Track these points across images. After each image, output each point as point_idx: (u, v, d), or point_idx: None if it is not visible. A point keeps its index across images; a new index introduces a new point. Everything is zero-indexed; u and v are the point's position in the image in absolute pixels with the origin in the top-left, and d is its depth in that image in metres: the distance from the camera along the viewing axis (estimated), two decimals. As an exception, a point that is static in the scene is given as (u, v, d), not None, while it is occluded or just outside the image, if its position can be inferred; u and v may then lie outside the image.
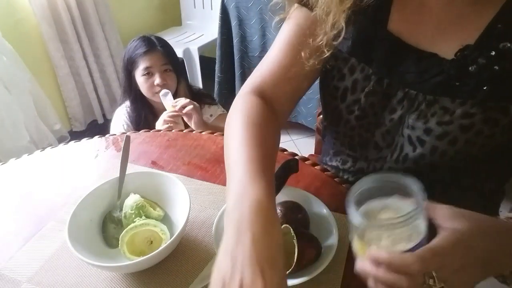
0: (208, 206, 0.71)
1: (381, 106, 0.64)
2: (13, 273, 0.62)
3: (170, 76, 1.43)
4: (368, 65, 0.63)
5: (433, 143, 0.59)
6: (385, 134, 0.66)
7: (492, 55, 0.53)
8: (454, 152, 0.58)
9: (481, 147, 0.57)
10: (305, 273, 0.54)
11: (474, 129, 0.56)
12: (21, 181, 0.83)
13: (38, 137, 2.03)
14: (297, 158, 0.74)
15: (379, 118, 0.65)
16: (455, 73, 0.56)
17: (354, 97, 0.65)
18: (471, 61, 0.55)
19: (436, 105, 0.58)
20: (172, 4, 2.76)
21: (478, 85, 0.54)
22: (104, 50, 2.31)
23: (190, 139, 0.88)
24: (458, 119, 0.56)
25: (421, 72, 0.59)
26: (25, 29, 2.02)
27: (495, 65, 0.53)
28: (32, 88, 1.98)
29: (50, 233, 0.69)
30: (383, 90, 0.62)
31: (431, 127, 0.58)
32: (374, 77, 0.62)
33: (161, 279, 0.59)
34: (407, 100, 0.61)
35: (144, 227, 0.62)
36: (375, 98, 0.63)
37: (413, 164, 0.62)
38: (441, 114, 0.57)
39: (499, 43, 0.53)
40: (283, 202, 0.63)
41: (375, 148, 0.69)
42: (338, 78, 0.66)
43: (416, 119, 0.59)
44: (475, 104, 0.55)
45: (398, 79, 0.61)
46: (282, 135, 0.71)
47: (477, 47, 0.54)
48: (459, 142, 0.57)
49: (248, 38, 2.05)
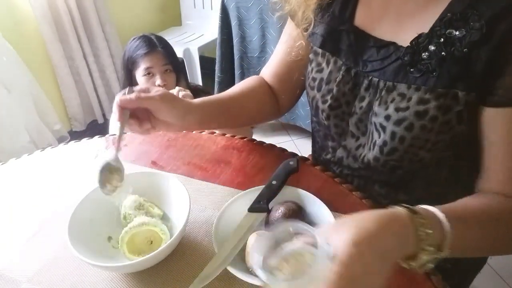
0: (208, 206, 0.71)
1: (353, 95, 0.68)
2: (13, 273, 0.62)
3: (170, 76, 1.43)
4: (338, 57, 0.69)
5: (392, 129, 0.61)
6: (358, 122, 0.69)
7: (441, 42, 0.57)
8: (411, 137, 0.60)
9: (438, 134, 0.59)
10: (305, 273, 0.54)
11: (428, 115, 0.58)
12: (21, 181, 0.83)
13: (38, 137, 2.03)
14: (297, 158, 0.74)
15: (351, 107, 0.69)
16: (409, 60, 0.59)
17: (328, 87, 0.70)
18: (423, 48, 0.58)
19: (394, 92, 0.61)
20: (172, 4, 2.76)
21: (429, 71, 0.58)
22: (104, 50, 2.31)
23: (190, 139, 0.89)
24: (414, 106, 0.59)
25: (381, 60, 0.63)
26: (25, 30, 2.02)
27: (442, 51, 0.56)
28: (32, 88, 1.98)
29: (50, 233, 0.69)
30: (351, 79, 0.67)
31: (390, 114, 0.61)
32: (343, 67, 0.68)
33: (161, 279, 0.59)
34: (372, 88, 0.65)
35: (144, 227, 0.62)
36: (345, 87, 0.68)
37: (379, 151, 0.64)
38: (398, 100, 0.60)
39: (446, 31, 0.56)
40: (283, 202, 0.63)
41: (352, 137, 0.72)
42: (316, 70, 0.73)
43: (378, 105, 0.63)
44: (428, 91, 0.58)
45: (363, 68, 0.66)
46: (282, 135, 0.73)
47: (429, 35, 0.58)
48: (415, 128, 0.59)
49: (248, 38, 2.05)
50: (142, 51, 1.38)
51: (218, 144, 0.86)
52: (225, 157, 0.82)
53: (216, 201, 0.71)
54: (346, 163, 0.74)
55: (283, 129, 2.28)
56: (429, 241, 0.44)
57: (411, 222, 0.44)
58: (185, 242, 0.64)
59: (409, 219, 0.44)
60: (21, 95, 1.91)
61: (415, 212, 0.45)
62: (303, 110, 2.00)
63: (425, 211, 0.47)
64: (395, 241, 0.43)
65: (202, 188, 0.75)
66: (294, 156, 0.81)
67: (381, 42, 0.64)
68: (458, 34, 0.55)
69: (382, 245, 0.42)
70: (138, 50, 1.39)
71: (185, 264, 0.61)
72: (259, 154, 0.82)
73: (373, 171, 0.70)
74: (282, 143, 2.10)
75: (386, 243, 0.42)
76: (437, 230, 0.45)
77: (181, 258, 0.62)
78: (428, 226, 0.44)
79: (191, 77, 2.43)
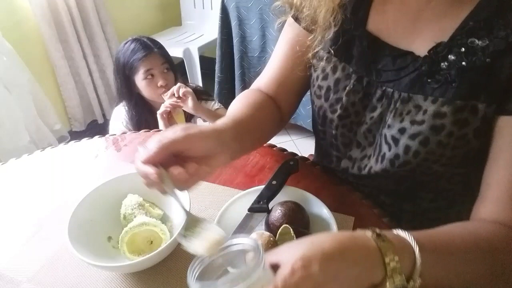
0: (208, 206, 0.71)
1: (363, 105, 0.65)
2: (13, 273, 0.62)
3: (169, 75, 1.44)
4: (348, 64, 0.65)
5: (406, 143, 0.59)
6: (366, 132, 0.66)
7: (462, 51, 0.54)
8: (426, 152, 0.58)
9: (453, 149, 0.57)
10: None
11: (445, 131, 0.55)
12: (21, 181, 0.83)
13: (38, 137, 2.03)
14: (297, 158, 0.74)
15: (360, 117, 0.66)
16: (426, 70, 0.56)
17: (337, 96, 0.66)
18: (442, 58, 0.55)
19: (410, 103, 0.58)
20: (172, 4, 2.76)
21: (448, 82, 0.55)
22: (104, 50, 2.31)
23: (190, 139, 0.88)
24: (429, 119, 0.56)
25: (397, 70, 0.60)
26: (25, 30, 2.02)
27: (463, 61, 0.54)
28: (32, 88, 1.98)
29: (50, 233, 0.69)
30: (363, 88, 0.63)
31: (405, 127, 0.59)
32: (354, 76, 0.64)
33: (161, 279, 0.59)
34: (385, 99, 0.62)
35: (144, 227, 0.62)
36: (356, 96, 0.64)
37: (390, 164, 0.62)
38: (415, 112, 0.58)
39: (468, 40, 0.54)
40: (283, 202, 0.63)
41: (358, 147, 0.69)
42: (322, 77, 0.68)
43: (393, 117, 0.60)
44: (445, 103, 0.55)
45: (376, 77, 0.62)
46: (282, 135, 0.72)
47: (449, 44, 0.55)
48: (431, 143, 0.57)
49: (248, 38, 2.05)
50: (140, 55, 1.37)
51: (218, 144, 0.86)
52: (225, 157, 0.82)
53: (216, 201, 0.71)
54: (351, 172, 0.71)
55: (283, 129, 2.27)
56: (397, 270, 0.40)
57: (377, 248, 0.40)
58: (185, 242, 0.64)
59: (375, 245, 0.40)
60: (21, 95, 1.91)
61: (383, 238, 0.41)
62: (304, 109, 2.00)
63: (395, 237, 0.43)
64: (356, 269, 0.39)
65: (202, 188, 0.75)
66: (294, 156, 0.81)
67: (398, 51, 0.60)
68: (481, 43, 0.52)
69: (339, 269, 0.38)
70: (135, 55, 1.38)
71: (185, 264, 0.61)
72: (259, 154, 0.82)
73: (379, 182, 0.68)
74: (282, 143, 2.10)
75: (345, 269, 0.38)
76: (407, 257, 0.41)
77: (181, 258, 0.62)
78: (397, 253, 0.40)
79: (191, 77, 2.43)
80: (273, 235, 0.57)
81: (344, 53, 0.65)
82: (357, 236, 0.42)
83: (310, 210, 0.64)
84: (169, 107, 1.35)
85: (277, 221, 0.59)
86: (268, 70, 0.78)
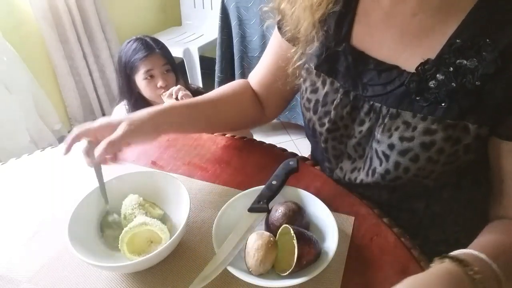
0: (208, 206, 0.71)
1: (351, 119, 0.64)
2: (13, 273, 0.62)
3: (170, 76, 1.44)
4: (335, 79, 0.65)
5: (396, 159, 0.58)
6: (356, 146, 0.66)
7: (450, 71, 0.53)
8: (417, 168, 0.57)
9: (444, 165, 0.56)
10: (305, 273, 0.54)
11: (435, 147, 0.55)
12: (21, 181, 0.83)
13: (38, 137, 2.04)
14: (297, 158, 0.74)
15: (350, 130, 0.65)
16: (415, 87, 0.55)
17: (325, 109, 0.66)
18: (430, 76, 0.54)
19: (399, 119, 0.58)
20: (172, 4, 2.76)
21: (437, 101, 0.54)
22: (104, 50, 2.32)
23: (190, 139, 0.88)
24: (419, 136, 0.55)
25: (383, 85, 0.59)
26: (25, 30, 2.02)
27: (452, 82, 0.53)
28: (32, 88, 1.98)
29: (50, 233, 0.69)
30: (350, 102, 0.63)
31: (394, 143, 0.58)
32: (341, 90, 0.64)
33: (161, 279, 0.59)
34: (373, 113, 0.61)
35: (144, 227, 0.62)
36: (344, 110, 0.64)
37: (381, 178, 0.62)
38: (403, 129, 0.57)
39: (456, 59, 0.52)
40: (283, 202, 0.63)
41: (348, 159, 0.69)
42: (311, 90, 0.68)
43: (382, 132, 0.59)
44: (435, 121, 0.54)
45: (362, 91, 0.61)
46: (282, 135, 0.73)
47: (437, 62, 0.54)
48: (420, 160, 0.56)
49: (248, 38, 2.05)
50: (141, 55, 1.38)
51: (218, 144, 0.86)
52: (225, 157, 0.82)
53: (216, 201, 0.71)
54: (343, 182, 0.71)
55: (283, 129, 2.28)
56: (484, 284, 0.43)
57: (470, 281, 0.43)
58: (185, 242, 0.64)
59: (468, 278, 0.43)
60: (21, 95, 1.91)
61: (467, 265, 0.44)
62: (304, 109, 2.00)
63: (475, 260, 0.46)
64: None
65: (202, 188, 0.75)
66: (294, 156, 0.81)
67: (383, 65, 0.60)
68: (470, 65, 0.51)
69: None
70: (136, 54, 1.39)
71: (185, 264, 0.61)
72: (259, 154, 0.82)
73: (372, 192, 0.68)
74: (282, 143, 2.10)
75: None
76: (492, 280, 0.45)
77: (181, 258, 0.62)
78: (484, 279, 0.43)
79: (191, 77, 2.43)
80: (273, 235, 0.57)
81: (331, 69, 0.65)
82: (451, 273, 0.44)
83: (310, 210, 0.64)
84: None
85: (277, 221, 0.59)
86: (258, 69, 0.82)
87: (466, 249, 0.48)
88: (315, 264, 0.55)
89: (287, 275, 0.54)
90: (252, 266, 0.55)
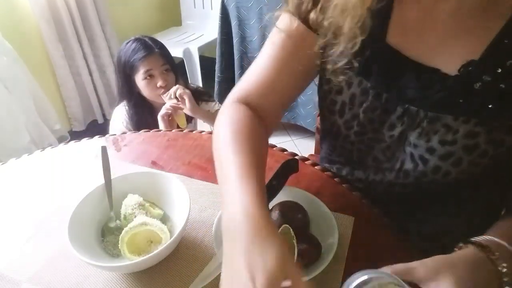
0: (208, 206, 0.71)
1: (381, 122, 0.61)
2: (13, 273, 0.62)
3: (170, 76, 1.44)
4: (365, 79, 0.60)
5: (436, 163, 0.57)
6: (385, 149, 0.64)
7: (499, 72, 0.50)
8: (458, 172, 0.56)
9: (484, 168, 0.55)
10: (305, 273, 0.54)
11: (478, 150, 0.54)
12: (21, 181, 0.83)
13: (38, 137, 2.03)
14: (297, 158, 0.74)
15: (378, 134, 0.63)
16: (459, 90, 0.53)
17: (353, 112, 0.62)
18: (475, 78, 0.52)
19: (438, 123, 0.55)
20: (172, 4, 2.76)
21: (483, 103, 0.52)
22: (104, 50, 2.31)
23: (190, 139, 0.88)
24: (461, 139, 0.54)
25: (422, 88, 0.56)
26: (25, 29, 2.02)
27: (501, 83, 0.50)
28: (32, 88, 1.98)
29: (50, 233, 0.69)
30: (381, 105, 0.60)
31: (434, 147, 0.56)
32: (372, 92, 0.59)
33: (161, 279, 0.59)
34: (407, 117, 0.58)
35: (144, 227, 0.62)
36: (374, 113, 0.60)
37: (414, 180, 0.61)
38: (443, 132, 0.55)
39: (505, 60, 0.50)
40: (283, 202, 0.63)
41: (374, 161, 0.67)
42: (336, 91, 0.63)
43: (418, 137, 0.57)
44: (479, 123, 0.52)
45: (397, 94, 0.58)
46: (282, 135, 0.71)
47: (482, 63, 0.52)
48: (463, 164, 0.55)
49: (248, 38, 2.05)
50: (140, 55, 1.38)
51: (218, 144, 0.86)
52: (225, 157, 0.82)
53: (216, 201, 0.71)
54: (364, 181, 0.70)
55: (283, 129, 2.28)
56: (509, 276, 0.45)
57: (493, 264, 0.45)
58: (185, 242, 0.64)
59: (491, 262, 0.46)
60: (21, 95, 1.91)
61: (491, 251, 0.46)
62: (304, 109, 2.00)
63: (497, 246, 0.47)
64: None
65: (202, 188, 0.75)
66: (294, 156, 0.81)
67: (422, 67, 0.55)
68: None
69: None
70: (135, 54, 1.39)
71: (185, 264, 0.61)
72: (259, 154, 0.82)
73: (393, 192, 0.67)
74: (282, 143, 2.10)
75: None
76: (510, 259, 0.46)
77: (181, 258, 0.62)
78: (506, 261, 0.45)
79: (191, 77, 2.43)
80: None
81: (362, 68, 0.59)
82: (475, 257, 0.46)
83: (310, 210, 0.64)
84: (170, 109, 1.37)
85: (276, 221, 0.59)
86: (250, 80, 0.68)
87: (487, 236, 0.49)
88: (315, 264, 0.55)
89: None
90: (252, 266, 0.55)
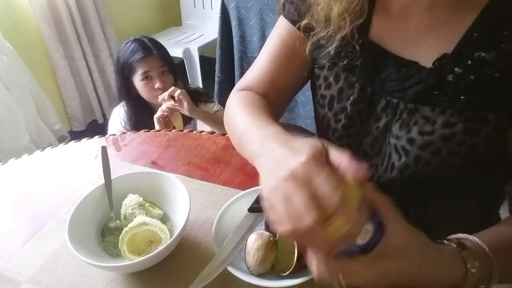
0: (208, 206, 0.71)
1: (367, 114, 0.64)
2: (13, 273, 0.62)
3: (168, 77, 1.44)
4: (351, 73, 0.63)
5: (416, 153, 0.58)
6: (373, 142, 0.66)
7: (468, 64, 0.53)
8: (437, 162, 0.58)
9: (464, 157, 0.57)
10: (305, 273, 0.54)
11: (456, 139, 0.55)
12: (21, 181, 0.83)
13: (38, 137, 2.04)
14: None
15: (366, 127, 0.65)
16: (433, 82, 0.56)
17: (341, 105, 0.65)
18: (448, 70, 0.54)
19: (417, 114, 0.57)
20: (172, 4, 2.76)
21: (456, 95, 0.54)
22: (104, 50, 2.32)
23: (190, 139, 0.89)
24: (439, 129, 0.56)
25: (401, 80, 0.59)
26: (25, 29, 2.02)
27: (471, 75, 0.53)
28: (32, 88, 1.98)
29: (50, 233, 0.69)
30: (367, 97, 0.62)
31: (414, 137, 0.58)
32: (357, 85, 0.63)
33: (161, 279, 0.59)
34: (390, 109, 0.61)
35: (144, 227, 0.62)
36: (360, 106, 0.63)
37: (399, 173, 0.62)
38: (422, 123, 0.57)
39: (474, 52, 0.53)
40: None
41: (364, 156, 0.68)
42: (325, 86, 0.67)
43: (399, 128, 0.59)
44: (455, 114, 0.55)
45: (380, 87, 0.61)
46: None
47: (454, 56, 0.54)
48: (442, 153, 0.57)
49: (248, 38, 2.05)
50: (138, 56, 1.38)
51: (218, 144, 0.86)
52: (225, 157, 0.82)
53: (216, 201, 0.71)
54: None
55: (283, 129, 2.27)
56: (476, 275, 0.45)
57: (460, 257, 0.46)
58: (185, 242, 0.64)
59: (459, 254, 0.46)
60: (21, 95, 1.91)
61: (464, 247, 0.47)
62: (303, 109, 2.00)
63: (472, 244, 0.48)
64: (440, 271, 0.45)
65: (202, 188, 0.75)
66: (294, 156, 0.81)
67: (402, 61, 0.59)
68: (488, 57, 0.52)
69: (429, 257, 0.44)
70: (133, 55, 1.39)
71: (185, 264, 0.61)
72: (259, 154, 0.82)
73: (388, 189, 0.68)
74: (282, 143, 2.09)
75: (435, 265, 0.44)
76: (484, 263, 0.46)
77: (181, 258, 0.62)
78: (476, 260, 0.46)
79: (191, 77, 2.43)
80: (273, 235, 0.57)
81: (347, 63, 0.63)
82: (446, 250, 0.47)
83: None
84: (166, 111, 1.35)
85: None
86: (253, 74, 0.75)
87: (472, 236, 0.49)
88: (315, 264, 0.55)
89: (287, 275, 0.54)
90: (252, 266, 0.55)
